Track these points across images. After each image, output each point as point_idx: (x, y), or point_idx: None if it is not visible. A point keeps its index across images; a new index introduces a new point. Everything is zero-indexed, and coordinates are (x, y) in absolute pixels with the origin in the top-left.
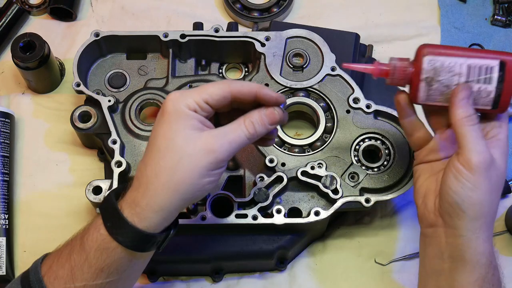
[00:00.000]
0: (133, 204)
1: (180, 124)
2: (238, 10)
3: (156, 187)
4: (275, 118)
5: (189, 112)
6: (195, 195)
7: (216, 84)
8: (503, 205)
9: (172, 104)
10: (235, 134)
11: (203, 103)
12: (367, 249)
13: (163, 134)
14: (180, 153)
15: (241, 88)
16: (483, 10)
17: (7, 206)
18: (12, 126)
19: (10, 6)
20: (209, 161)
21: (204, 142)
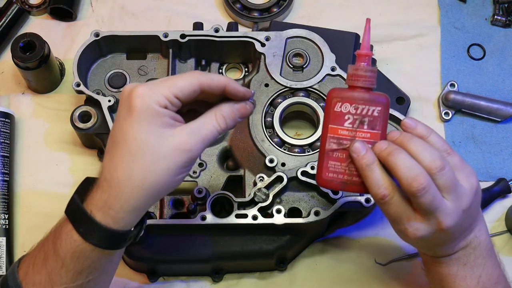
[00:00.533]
0: (106, 207)
1: (151, 122)
2: (238, 10)
3: (131, 189)
4: (246, 113)
5: (160, 110)
6: (169, 191)
7: (184, 76)
8: (503, 205)
9: (141, 100)
10: (208, 130)
11: (174, 98)
12: (367, 249)
13: (133, 135)
14: (154, 155)
15: (211, 81)
16: (483, 10)
17: (7, 206)
18: (12, 126)
19: (10, 6)
20: (184, 160)
21: (178, 141)
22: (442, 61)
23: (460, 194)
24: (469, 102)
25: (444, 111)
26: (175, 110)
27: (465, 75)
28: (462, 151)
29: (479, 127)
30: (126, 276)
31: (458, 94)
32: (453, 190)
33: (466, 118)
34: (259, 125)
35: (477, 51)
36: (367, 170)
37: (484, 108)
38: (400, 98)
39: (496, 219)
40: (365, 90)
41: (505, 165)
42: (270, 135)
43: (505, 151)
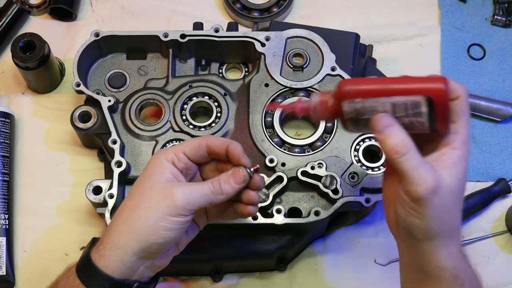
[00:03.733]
0: (99, 242)
1: (153, 172)
2: (238, 10)
3: (116, 224)
4: (239, 177)
5: (164, 163)
6: (150, 238)
7: (192, 139)
8: (503, 205)
9: (153, 157)
10: (199, 187)
11: (180, 153)
12: (367, 249)
13: (137, 182)
14: (143, 195)
15: (215, 140)
16: (483, 10)
17: (7, 206)
18: (12, 126)
19: (10, 6)
20: (166, 204)
21: (166, 188)
22: (442, 61)
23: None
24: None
25: None
26: (182, 166)
27: (465, 75)
28: None
29: (479, 127)
30: None
31: None
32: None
33: None
34: (259, 125)
35: (477, 51)
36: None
37: (484, 108)
38: None
39: (496, 219)
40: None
41: (505, 165)
42: (270, 135)
43: (505, 151)
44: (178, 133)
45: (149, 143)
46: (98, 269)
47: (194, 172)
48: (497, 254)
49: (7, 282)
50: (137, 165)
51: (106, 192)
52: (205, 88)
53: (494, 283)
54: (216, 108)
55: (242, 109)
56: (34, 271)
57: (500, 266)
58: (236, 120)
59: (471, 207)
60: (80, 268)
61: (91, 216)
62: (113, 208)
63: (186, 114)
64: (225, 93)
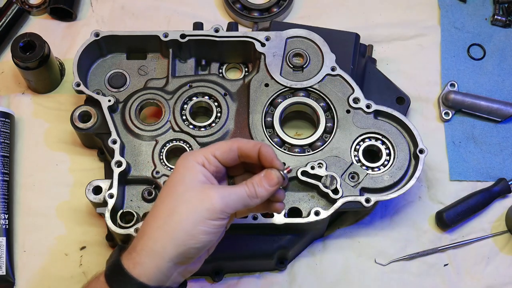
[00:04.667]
0: (131, 249)
1: (185, 175)
2: (238, 10)
3: (152, 230)
4: (272, 179)
5: (196, 166)
6: (189, 243)
7: (222, 142)
8: (503, 205)
9: (182, 159)
10: (235, 189)
11: (211, 156)
12: (367, 249)
13: (168, 185)
14: (179, 199)
15: (247, 143)
16: (483, 10)
17: (7, 206)
18: (12, 126)
19: (10, 6)
20: (205, 207)
21: (202, 191)
22: (442, 61)
23: None
24: (469, 102)
25: (444, 111)
26: (213, 169)
27: (465, 75)
28: (462, 151)
29: (479, 127)
30: None
31: (458, 94)
32: None
33: (466, 118)
34: (259, 125)
35: (477, 51)
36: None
37: (484, 108)
38: (400, 98)
39: (496, 219)
40: None
41: (505, 165)
42: (270, 135)
43: (505, 151)
44: (178, 133)
45: (149, 143)
46: (133, 277)
47: (223, 175)
48: (497, 254)
49: (7, 282)
50: (137, 165)
51: (106, 192)
52: (205, 88)
53: (494, 283)
54: (216, 108)
55: (242, 109)
56: (34, 271)
57: (500, 266)
58: (236, 120)
59: (471, 207)
60: (111, 277)
61: (91, 216)
62: (113, 208)
63: (186, 114)
64: (225, 93)
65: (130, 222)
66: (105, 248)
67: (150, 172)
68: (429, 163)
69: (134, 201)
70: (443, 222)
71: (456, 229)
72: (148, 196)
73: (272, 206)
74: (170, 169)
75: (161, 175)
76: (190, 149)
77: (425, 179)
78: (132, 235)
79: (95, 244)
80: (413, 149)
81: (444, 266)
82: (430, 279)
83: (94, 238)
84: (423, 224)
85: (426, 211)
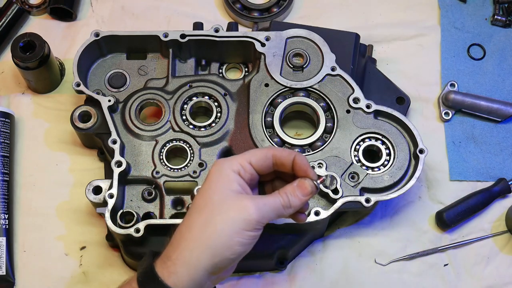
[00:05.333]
0: (165, 258)
1: (220, 184)
2: (238, 10)
3: (188, 240)
4: (306, 189)
5: (231, 174)
6: (225, 254)
7: (257, 149)
8: (503, 205)
9: (217, 167)
10: (270, 199)
11: (246, 164)
12: (367, 249)
13: (202, 194)
14: (215, 210)
15: (282, 151)
16: (483, 10)
17: (7, 206)
18: (12, 126)
19: (10, 6)
20: (242, 218)
21: (239, 201)
22: (442, 61)
23: None
24: (469, 102)
25: (444, 111)
26: (248, 177)
27: (465, 75)
28: (462, 151)
29: (479, 127)
30: (126, 276)
31: (458, 94)
32: None
33: (466, 118)
34: (259, 125)
35: (477, 51)
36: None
37: (484, 108)
38: (400, 98)
39: (496, 219)
40: None
41: (505, 165)
42: (270, 135)
43: (505, 151)
44: (178, 133)
45: (149, 143)
46: (168, 286)
47: (256, 182)
48: (497, 254)
49: (7, 282)
50: (137, 165)
51: (106, 192)
52: (205, 88)
53: (494, 283)
54: (216, 108)
55: (242, 109)
56: (34, 271)
57: (500, 266)
58: (236, 120)
59: (471, 207)
60: (144, 284)
61: (91, 216)
62: (113, 208)
63: (186, 114)
64: (225, 93)
65: (130, 222)
66: (105, 248)
67: (150, 172)
68: (429, 163)
69: (134, 201)
70: (443, 222)
71: (456, 229)
72: (148, 196)
73: (296, 216)
74: (170, 169)
75: (161, 175)
76: (190, 149)
77: (425, 179)
78: (132, 235)
79: (95, 244)
80: (413, 149)
81: (444, 266)
82: (430, 279)
83: (94, 238)
84: (423, 224)
85: (426, 211)
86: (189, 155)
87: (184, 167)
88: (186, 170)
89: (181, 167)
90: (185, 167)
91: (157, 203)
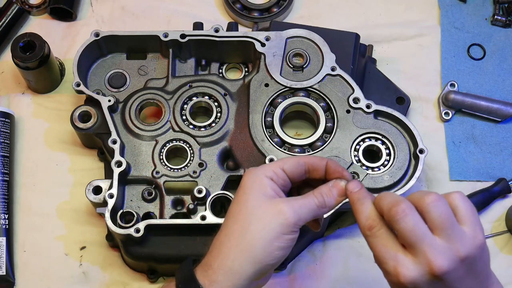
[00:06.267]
0: (206, 266)
1: (254, 190)
2: (238, 10)
3: (228, 249)
4: (341, 188)
5: (264, 180)
6: (265, 260)
7: (289, 157)
8: (503, 205)
9: (250, 173)
10: (305, 200)
11: (279, 170)
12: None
13: (237, 201)
14: (251, 216)
15: (314, 158)
16: (483, 10)
17: (7, 206)
18: (12, 126)
19: (10, 6)
20: (279, 223)
21: (274, 205)
22: (442, 61)
23: (457, 236)
24: (469, 102)
25: (444, 111)
26: (281, 182)
27: (465, 75)
28: (462, 151)
29: (479, 127)
30: (126, 276)
31: (458, 94)
32: (446, 227)
33: (466, 118)
34: (259, 125)
35: (477, 51)
36: (358, 204)
37: (484, 108)
38: (400, 98)
39: (496, 219)
40: None
41: (505, 165)
42: (270, 135)
43: (505, 151)
44: (178, 133)
45: (149, 143)
46: None
47: (288, 190)
48: (497, 254)
49: (7, 282)
50: (137, 165)
51: (106, 192)
52: (205, 88)
53: None
54: (216, 108)
55: (242, 109)
56: (34, 271)
57: (500, 266)
58: (236, 120)
59: None
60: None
61: (91, 216)
62: (113, 208)
63: (186, 114)
64: (225, 93)
65: (130, 222)
66: (105, 248)
67: (150, 172)
68: (429, 163)
69: (134, 201)
70: None
71: None
72: (148, 196)
73: (312, 223)
74: (170, 169)
75: (161, 175)
76: (190, 149)
77: (425, 179)
78: (132, 235)
79: (95, 244)
80: (413, 149)
81: None
82: None
83: (94, 238)
84: None
85: None
86: (189, 155)
87: (184, 167)
88: (186, 170)
89: (181, 167)
90: (185, 167)
91: (157, 203)
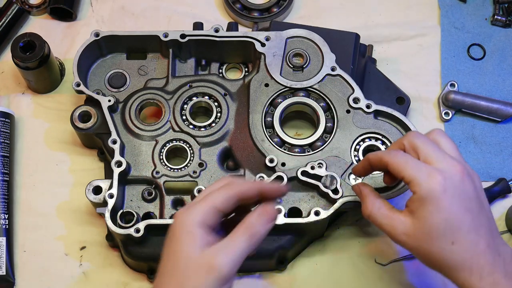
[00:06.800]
0: None
1: (185, 242)
2: (238, 10)
3: None
4: (271, 214)
5: (194, 229)
6: None
7: (219, 190)
8: (503, 205)
9: (179, 223)
10: (236, 244)
11: (210, 209)
12: (367, 249)
13: (168, 255)
14: (184, 274)
15: (246, 185)
16: (483, 10)
17: (7, 206)
18: (12, 126)
19: (10, 6)
20: (215, 278)
21: (206, 260)
22: (442, 61)
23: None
24: (469, 102)
25: (444, 111)
26: (213, 221)
27: (465, 75)
28: (462, 151)
29: (479, 127)
30: (126, 276)
31: (458, 94)
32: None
33: (466, 118)
34: (259, 125)
35: (477, 51)
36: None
37: (484, 108)
38: (400, 98)
39: (496, 219)
40: None
41: (505, 165)
42: (270, 135)
43: (505, 151)
44: (178, 133)
45: (149, 143)
46: None
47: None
48: None
49: (7, 282)
50: (137, 165)
51: (106, 192)
52: (205, 88)
53: None
54: (216, 108)
55: (242, 109)
56: (34, 271)
57: None
58: (236, 120)
59: None
60: None
61: (91, 216)
62: (113, 208)
63: (186, 114)
64: (225, 93)
65: (130, 222)
66: (105, 248)
67: (150, 172)
68: None
69: (134, 201)
70: None
71: None
72: (148, 196)
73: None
74: (170, 169)
75: (161, 175)
76: (190, 149)
77: None
78: (132, 235)
79: (95, 244)
80: None
81: None
82: (430, 279)
83: (94, 238)
84: None
85: None
86: (189, 155)
87: (184, 167)
88: (186, 170)
89: (181, 167)
90: (185, 167)
91: (157, 203)
